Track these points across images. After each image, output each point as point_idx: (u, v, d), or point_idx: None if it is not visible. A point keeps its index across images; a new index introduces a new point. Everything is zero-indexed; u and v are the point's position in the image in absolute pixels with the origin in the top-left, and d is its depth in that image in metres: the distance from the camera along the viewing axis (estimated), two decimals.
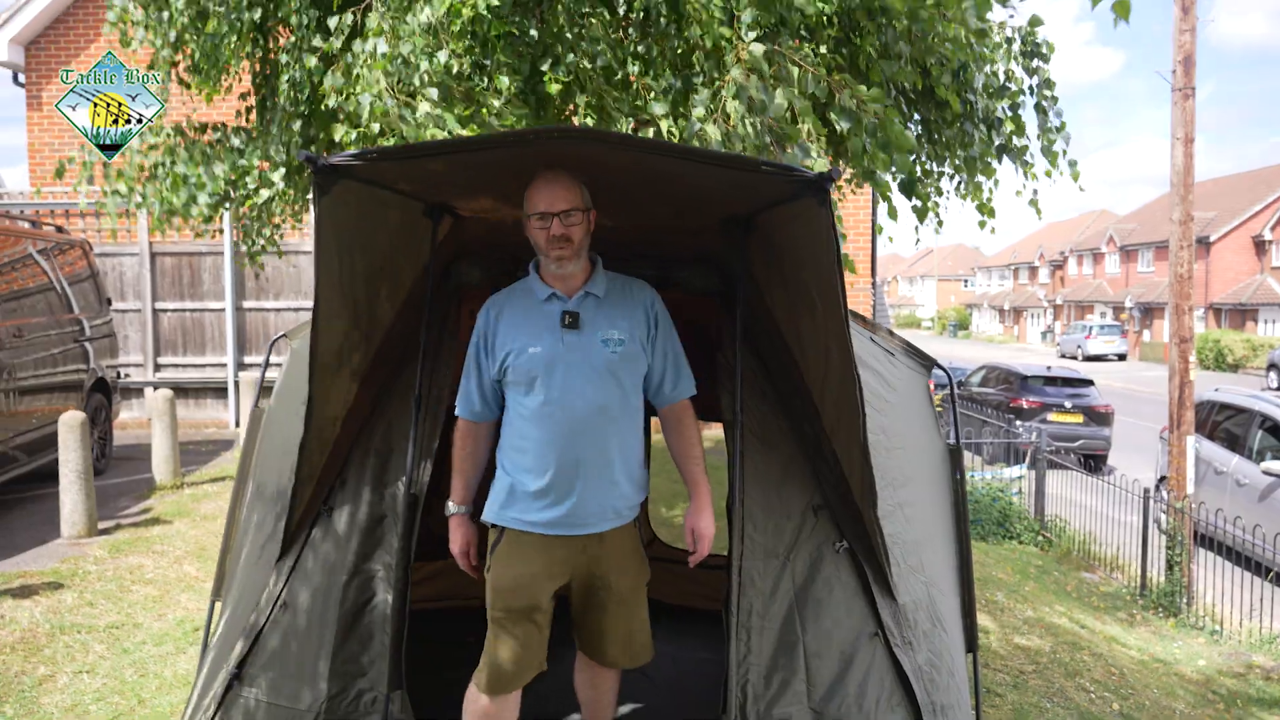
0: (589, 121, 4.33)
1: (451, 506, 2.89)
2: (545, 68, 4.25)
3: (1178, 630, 7.59)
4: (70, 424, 6.24)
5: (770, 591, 2.93)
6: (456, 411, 2.87)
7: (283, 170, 4.63)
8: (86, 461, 6.28)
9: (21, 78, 12.36)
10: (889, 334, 3.74)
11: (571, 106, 4.46)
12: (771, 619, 2.90)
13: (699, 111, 3.54)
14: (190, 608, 5.04)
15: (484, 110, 4.21)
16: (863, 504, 2.87)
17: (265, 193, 4.81)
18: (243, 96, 5.39)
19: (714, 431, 11.44)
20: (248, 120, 5.29)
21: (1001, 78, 4.81)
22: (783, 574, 2.94)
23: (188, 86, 5.22)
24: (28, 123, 12.33)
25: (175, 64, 5.06)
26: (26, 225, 8.11)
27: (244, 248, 5.65)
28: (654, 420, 3.59)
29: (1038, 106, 4.90)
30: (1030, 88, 4.94)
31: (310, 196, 5.46)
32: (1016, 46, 4.86)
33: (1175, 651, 6.71)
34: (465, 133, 3.71)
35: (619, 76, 4.52)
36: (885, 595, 2.98)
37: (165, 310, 11.40)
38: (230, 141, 5.03)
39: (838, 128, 3.62)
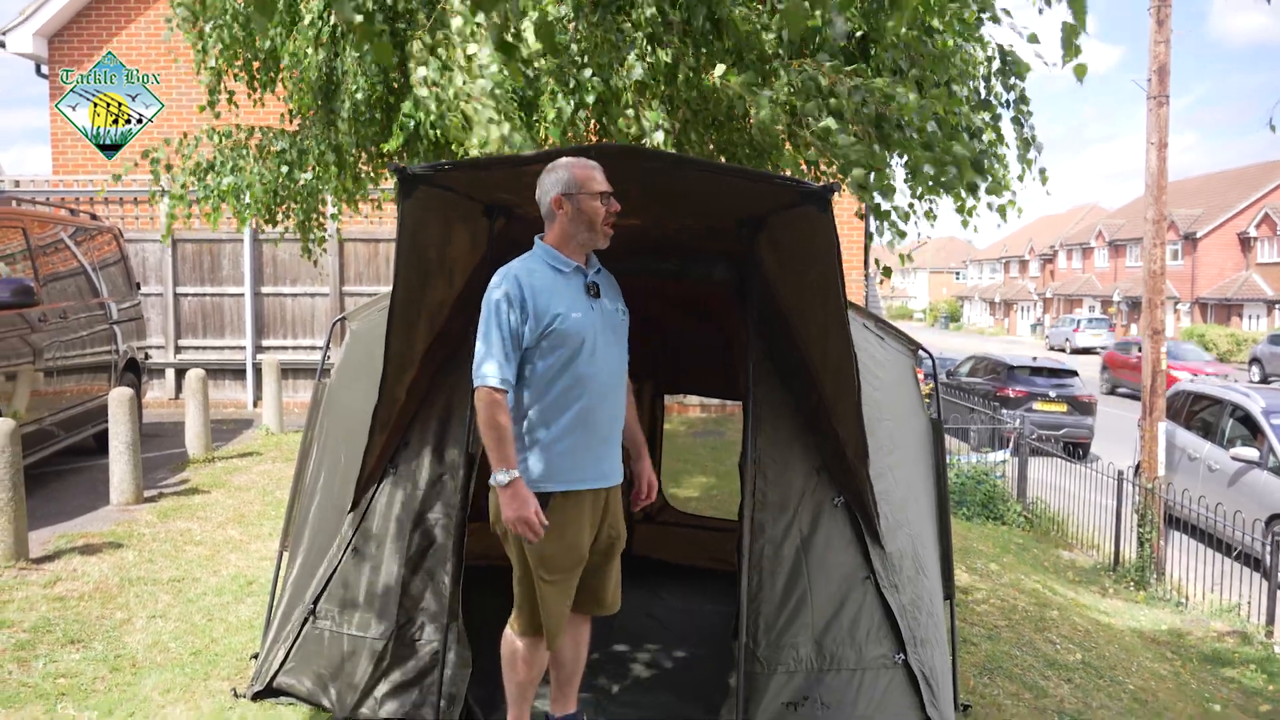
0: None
1: (512, 474, 2.82)
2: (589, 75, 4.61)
3: (1146, 602, 8.14)
4: (120, 399, 6.71)
5: (780, 539, 3.43)
6: (494, 384, 2.84)
7: (334, 167, 5.10)
8: (135, 434, 6.75)
9: (45, 69, 12.76)
10: (880, 321, 4.24)
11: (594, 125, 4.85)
12: (782, 561, 3.40)
13: (764, 113, 3.95)
14: (240, 565, 5.52)
15: (540, 124, 4.63)
16: (857, 464, 3.36)
17: (308, 181, 5.21)
18: (288, 100, 5.82)
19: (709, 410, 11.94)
20: (292, 122, 5.71)
21: (982, 92, 5.32)
22: (791, 525, 3.44)
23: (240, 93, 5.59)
24: (50, 113, 12.73)
25: (226, 71, 5.51)
26: (65, 213, 8.55)
27: (294, 235, 6.08)
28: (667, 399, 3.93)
29: (1015, 119, 5.41)
30: (1007, 102, 5.45)
31: (346, 191, 5.93)
32: (995, 65, 5.37)
33: (1140, 617, 7.26)
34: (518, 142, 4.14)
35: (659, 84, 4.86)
36: (875, 544, 3.48)
37: (186, 295, 11.84)
38: (274, 145, 5.47)
39: (892, 138, 4.14)
